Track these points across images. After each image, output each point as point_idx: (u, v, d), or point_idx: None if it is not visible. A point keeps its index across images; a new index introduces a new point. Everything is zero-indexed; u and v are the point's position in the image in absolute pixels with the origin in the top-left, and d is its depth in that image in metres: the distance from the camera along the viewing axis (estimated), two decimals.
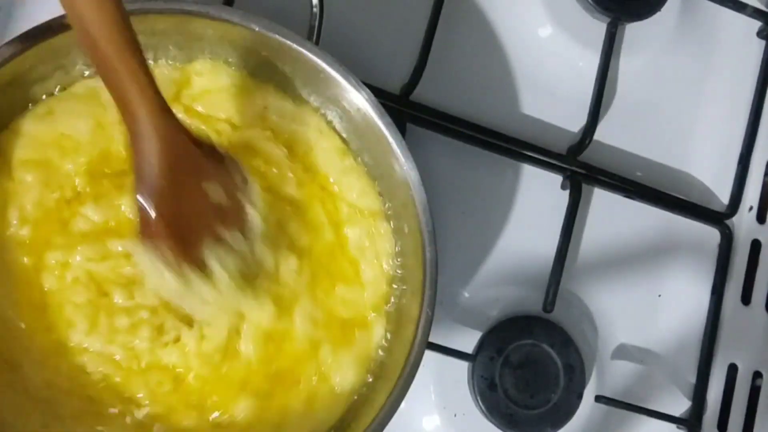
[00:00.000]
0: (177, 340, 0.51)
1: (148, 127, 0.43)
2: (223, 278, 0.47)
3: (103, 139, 0.51)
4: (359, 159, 0.56)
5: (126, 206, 0.51)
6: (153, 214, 0.44)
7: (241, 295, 0.49)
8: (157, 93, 0.43)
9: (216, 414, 0.51)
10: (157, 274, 0.45)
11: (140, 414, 0.50)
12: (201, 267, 0.46)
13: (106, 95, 0.45)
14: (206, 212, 0.46)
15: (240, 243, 0.48)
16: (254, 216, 0.49)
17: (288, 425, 0.52)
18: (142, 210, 0.44)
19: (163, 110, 0.43)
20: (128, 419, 0.50)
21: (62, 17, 0.47)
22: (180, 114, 0.52)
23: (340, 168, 0.55)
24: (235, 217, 0.48)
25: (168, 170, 0.43)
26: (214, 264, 0.47)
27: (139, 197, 0.44)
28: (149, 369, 0.50)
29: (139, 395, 0.50)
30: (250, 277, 0.50)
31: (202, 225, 0.46)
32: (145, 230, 0.44)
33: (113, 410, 0.50)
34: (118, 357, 0.50)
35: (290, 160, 0.54)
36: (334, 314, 0.54)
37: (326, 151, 0.55)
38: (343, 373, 0.53)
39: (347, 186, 0.55)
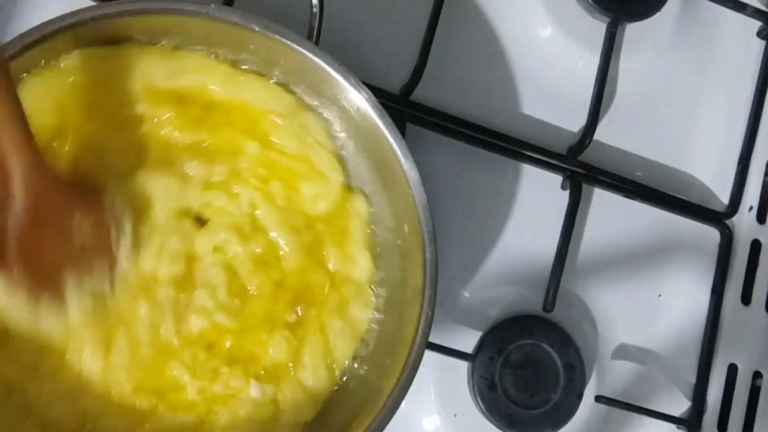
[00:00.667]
0: None
1: (16, 168, 0.44)
2: (74, 309, 0.48)
3: None
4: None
5: None
6: (11, 243, 0.45)
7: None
8: (29, 136, 0.44)
9: None
10: (7, 298, 0.46)
11: None
12: (58, 298, 0.47)
13: None
14: (69, 245, 0.48)
15: (101, 277, 0.49)
16: (121, 251, 0.50)
17: None
18: (1, 239, 0.45)
19: (32, 152, 0.44)
20: None
21: (61, 17, 0.47)
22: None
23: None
24: (101, 251, 0.49)
25: (31, 206, 0.45)
26: (69, 295, 0.48)
27: (1, 227, 0.45)
28: None
29: None
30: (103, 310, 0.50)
31: (63, 257, 0.47)
32: (2, 257, 0.45)
33: None
34: None
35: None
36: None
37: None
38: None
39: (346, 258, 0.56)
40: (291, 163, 0.54)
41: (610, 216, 0.68)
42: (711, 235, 0.70)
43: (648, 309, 0.68)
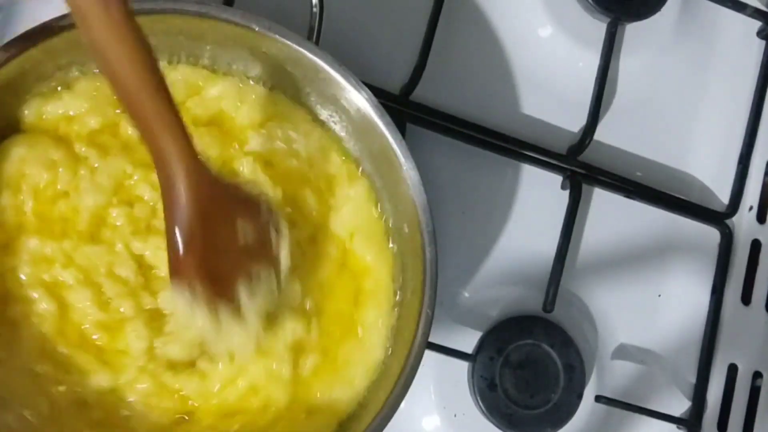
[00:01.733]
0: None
1: (180, 174, 0.43)
2: (252, 317, 0.47)
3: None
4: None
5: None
6: (185, 255, 0.44)
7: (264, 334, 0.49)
8: (189, 142, 0.43)
9: None
10: (189, 313, 0.45)
11: None
12: (232, 306, 0.46)
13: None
14: (236, 251, 0.46)
15: (269, 281, 0.48)
16: (283, 253, 0.49)
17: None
18: (174, 251, 0.44)
19: (194, 157, 0.43)
20: None
21: (61, 17, 0.47)
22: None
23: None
24: (264, 254, 0.48)
25: (198, 213, 0.44)
26: (245, 302, 0.47)
27: (171, 240, 0.44)
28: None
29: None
30: (275, 314, 0.50)
31: (233, 264, 0.46)
32: (178, 271, 0.45)
33: None
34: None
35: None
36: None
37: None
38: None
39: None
40: None
41: (610, 216, 0.68)
42: (711, 235, 0.70)
43: (648, 309, 0.68)
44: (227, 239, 0.46)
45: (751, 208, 0.71)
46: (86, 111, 0.52)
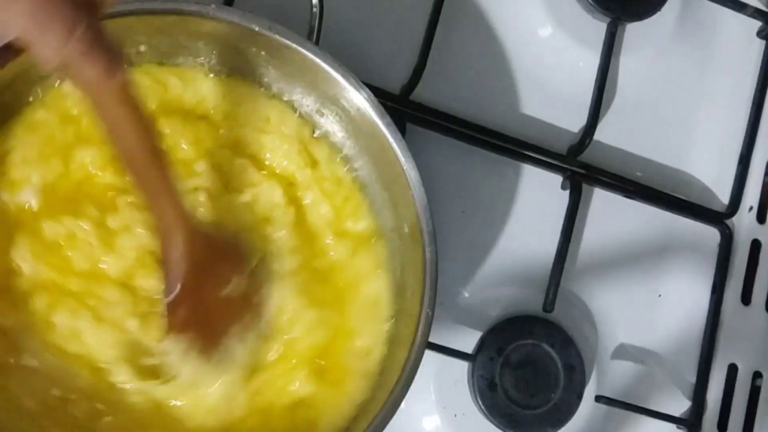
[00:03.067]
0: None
1: (177, 233, 0.46)
2: (242, 361, 0.50)
3: None
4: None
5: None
6: (181, 308, 0.47)
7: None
8: (182, 204, 0.46)
9: None
10: (183, 364, 0.48)
11: None
12: (224, 352, 0.49)
13: None
14: (225, 300, 0.49)
15: (256, 326, 0.51)
16: (266, 300, 0.52)
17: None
18: (171, 306, 0.47)
19: (187, 218, 0.47)
20: None
21: None
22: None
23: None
24: (249, 300, 0.51)
25: (192, 269, 0.47)
26: (234, 348, 0.50)
27: (169, 295, 0.47)
28: None
29: None
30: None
31: (223, 312, 0.50)
32: (176, 325, 0.48)
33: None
34: None
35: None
36: None
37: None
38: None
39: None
40: None
41: (610, 216, 0.68)
42: (711, 235, 0.70)
43: (648, 309, 0.68)
44: (216, 289, 0.49)
45: (751, 208, 0.71)
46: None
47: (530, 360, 0.62)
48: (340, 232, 0.56)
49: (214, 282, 0.49)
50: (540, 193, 0.66)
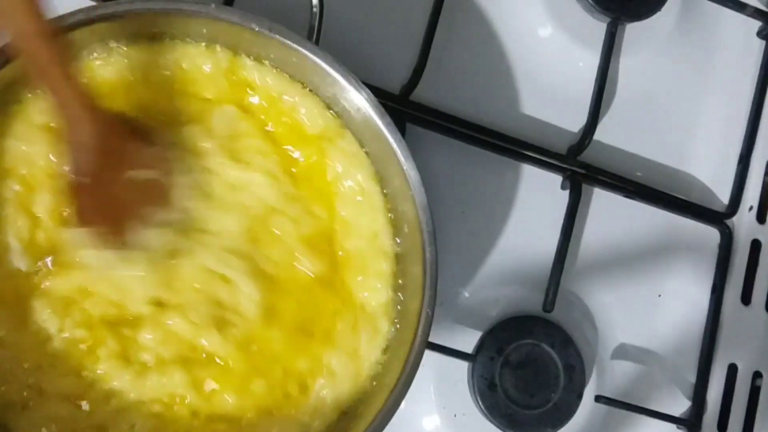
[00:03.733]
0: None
1: (80, 116, 0.46)
2: (155, 245, 0.50)
3: None
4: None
5: None
6: (90, 196, 0.47)
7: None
8: (83, 86, 0.46)
9: None
10: (98, 255, 0.48)
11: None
12: (136, 241, 0.49)
13: None
14: (142, 190, 0.49)
15: (166, 207, 0.50)
16: (179, 186, 0.51)
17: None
18: (79, 194, 0.47)
19: (91, 100, 0.47)
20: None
21: (60, 18, 0.47)
22: None
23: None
24: (162, 188, 0.50)
25: (101, 152, 0.47)
26: (148, 236, 0.49)
27: (75, 181, 0.47)
28: None
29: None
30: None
31: (134, 201, 0.49)
32: (84, 213, 0.48)
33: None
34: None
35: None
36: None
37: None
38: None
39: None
40: None
41: (610, 216, 0.68)
42: (711, 235, 0.70)
43: (648, 309, 0.68)
44: (129, 177, 0.49)
45: (751, 208, 0.71)
46: None
47: (530, 360, 0.62)
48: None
49: (123, 167, 0.48)
50: (540, 193, 0.66)
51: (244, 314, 0.52)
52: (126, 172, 0.48)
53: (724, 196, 0.71)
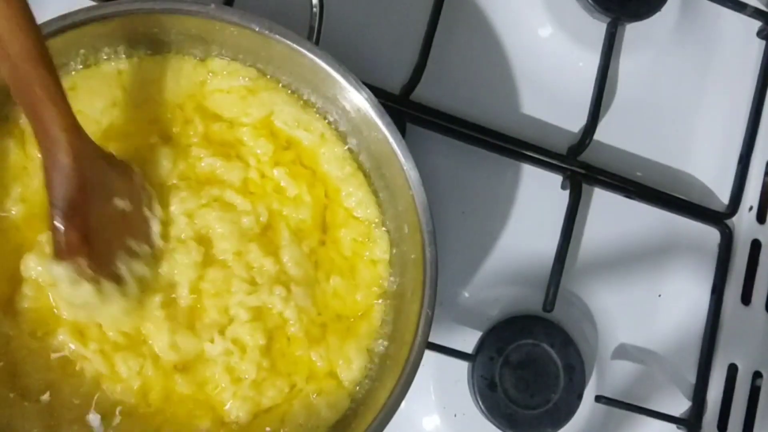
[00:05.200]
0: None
1: (62, 143, 0.44)
2: (132, 284, 0.49)
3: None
4: (362, 166, 0.56)
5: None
6: (70, 229, 0.45)
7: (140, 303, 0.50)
8: (69, 112, 0.44)
9: None
10: (74, 289, 0.46)
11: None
12: (115, 278, 0.48)
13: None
14: (116, 224, 0.48)
15: (145, 252, 0.50)
16: (156, 225, 0.51)
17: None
18: (57, 226, 0.45)
19: (76, 128, 0.45)
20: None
21: (61, 18, 0.47)
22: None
23: (341, 176, 0.56)
24: (140, 226, 0.50)
25: (81, 185, 0.45)
26: (125, 274, 0.48)
27: (54, 214, 0.45)
28: None
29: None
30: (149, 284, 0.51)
31: (114, 237, 0.48)
32: (62, 246, 0.45)
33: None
34: None
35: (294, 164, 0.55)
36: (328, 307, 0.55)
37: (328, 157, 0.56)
38: (347, 365, 0.54)
39: (346, 193, 0.56)
40: None
41: (610, 216, 0.68)
42: (711, 235, 0.70)
43: (648, 309, 0.68)
44: (107, 212, 0.47)
45: (751, 208, 0.71)
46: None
47: (530, 360, 0.62)
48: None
49: (103, 201, 0.47)
50: (540, 193, 0.66)
51: None
52: (105, 202, 0.47)
53: (724, 196, 0.71)
